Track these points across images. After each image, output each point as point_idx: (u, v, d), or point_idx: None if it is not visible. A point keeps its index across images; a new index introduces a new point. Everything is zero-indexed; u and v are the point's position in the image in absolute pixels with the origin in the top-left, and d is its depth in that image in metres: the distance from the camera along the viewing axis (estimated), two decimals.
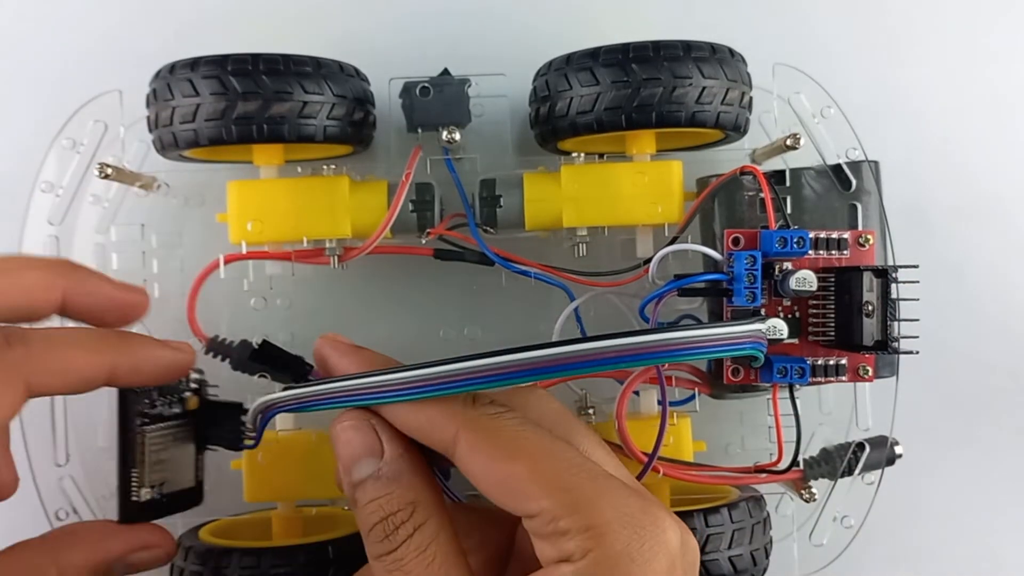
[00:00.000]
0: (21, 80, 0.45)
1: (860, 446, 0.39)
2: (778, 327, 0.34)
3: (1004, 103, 0.46)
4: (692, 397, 0.41)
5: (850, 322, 0.35)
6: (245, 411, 0.33)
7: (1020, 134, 0.46)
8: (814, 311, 0.37)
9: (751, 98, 0.39)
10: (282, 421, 0.40)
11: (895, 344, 0.34)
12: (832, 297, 0.36)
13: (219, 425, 0.34)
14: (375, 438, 0.29)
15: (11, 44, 0.45)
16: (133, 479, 0.32)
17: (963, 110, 0.46)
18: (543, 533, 0.26)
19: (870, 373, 0.37)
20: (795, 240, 0.36)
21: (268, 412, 0.32)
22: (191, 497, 0.35)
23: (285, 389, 0.31)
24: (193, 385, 0.34)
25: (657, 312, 0.37)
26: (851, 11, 0.46)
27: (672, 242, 0.39)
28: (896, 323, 0.34)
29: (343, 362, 0.31)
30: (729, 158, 0.42)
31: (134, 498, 0.33)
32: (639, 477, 0.35)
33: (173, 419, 0.33)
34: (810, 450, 0.41)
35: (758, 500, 0.40)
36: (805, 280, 0.35)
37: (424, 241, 0.40)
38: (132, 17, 0.45)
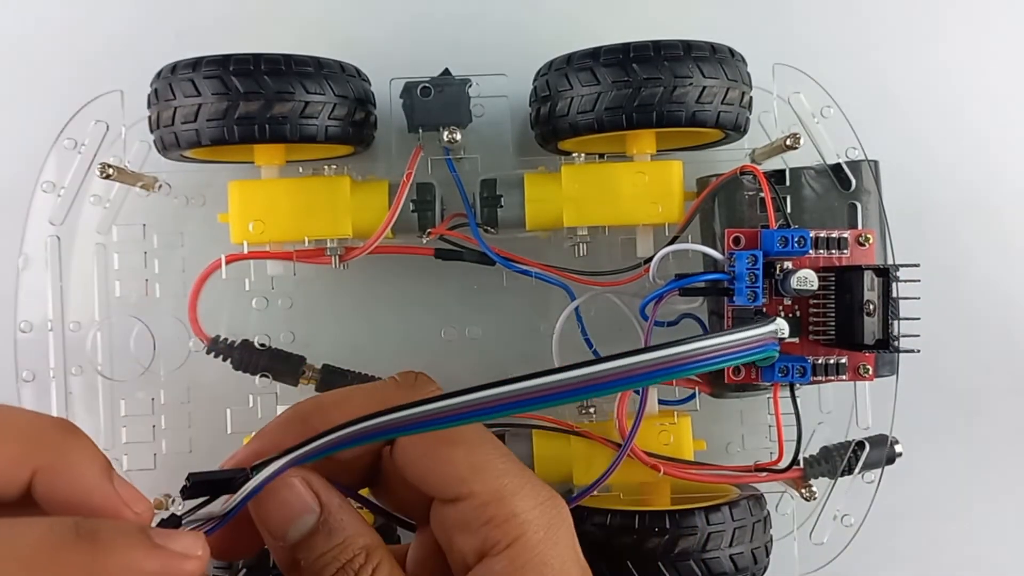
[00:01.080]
0: (23, 80, 0.45)
1: (860, 445, 0.39)
2: (781, 327, 0.34)
3: (1003, 103, 0.47)
4: (692, 396, 0.41)
5: (851, 321, 0.35)
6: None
7: (1018, 134, 0.47)
8: (814, 310, 0.37)
9: (751, 98, 0.39)
10: None
11: (896, 343, 0.34)
12: (832, 296, 0.36)
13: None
14: (309, 493, 0.27)
15: (13, 44, 0.45)
16: None
17: (962, 110, 0.46)
18: (467, 520, 0.27)
19: (870, 372, 0.37)
20: (796, 239, 0.36)
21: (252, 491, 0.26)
22: None
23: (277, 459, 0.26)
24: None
25: (657, 311, 0.37)
26: (850, 11, 0.46)
27: (672, 242, 0.39)
28: (897, 322, 0.34)
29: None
30: (729, 158, 0.42)
31: None
32: (616, 462, 0.36)
33: None
34: (810, 449, 0.41)
35: (758, 499, 0.40)
36: (806, 279, 0.35)
37: (425, 241, 0.41)
38: (134, 17, 0.45)
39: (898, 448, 0.40)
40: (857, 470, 0.39)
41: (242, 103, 0.35)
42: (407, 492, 0.29)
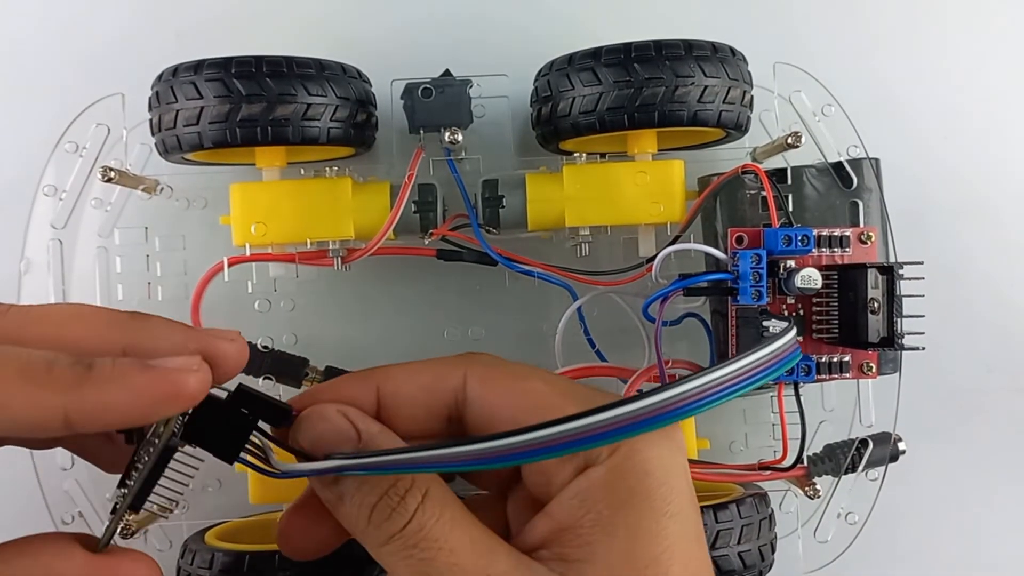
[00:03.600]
0: (23, 84, 0.45)
1: (864, 443, 0.39)
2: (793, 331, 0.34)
3: (1003, 101, 0.47)
4: None
5: (855, 319, 0.35)
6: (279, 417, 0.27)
7: (1018, 133, 0.47)
8: (817, 309, 0.37)
9: (752, 97, 0.40)
10: None
11: (901, 340, 0.34)
12: (835, 294, 0.36)
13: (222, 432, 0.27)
14: (345, 422, 0.27)
15: (12, 47, 0.45)
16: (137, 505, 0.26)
17: (962, 108, 0.46)
18: None
19: (874, 370, 0.37)
20: (800, 238, 0.36)
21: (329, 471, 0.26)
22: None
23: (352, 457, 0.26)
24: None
25: (663, 311, 0.37)
26: (851, 10, 0.46)
27: (674, 241, 0.39)
28: (900, 319, 0.35)
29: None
30: (730, 157, 0.42)
31: (124, 526, 0.27)
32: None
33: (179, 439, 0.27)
34: (813, 447, 0.41)
35: (763, 496, 0.40)
36: (810, 278, 0.35)
37: (427, 242, 0.40)
38: (134, 20, 0.45)
39: (901, 446, 0.40)
40: (861, 468, 0.39)
41: (244, 105, 0.35)
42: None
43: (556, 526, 0.26)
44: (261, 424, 0.27)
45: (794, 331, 0.30)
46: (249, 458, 0.27)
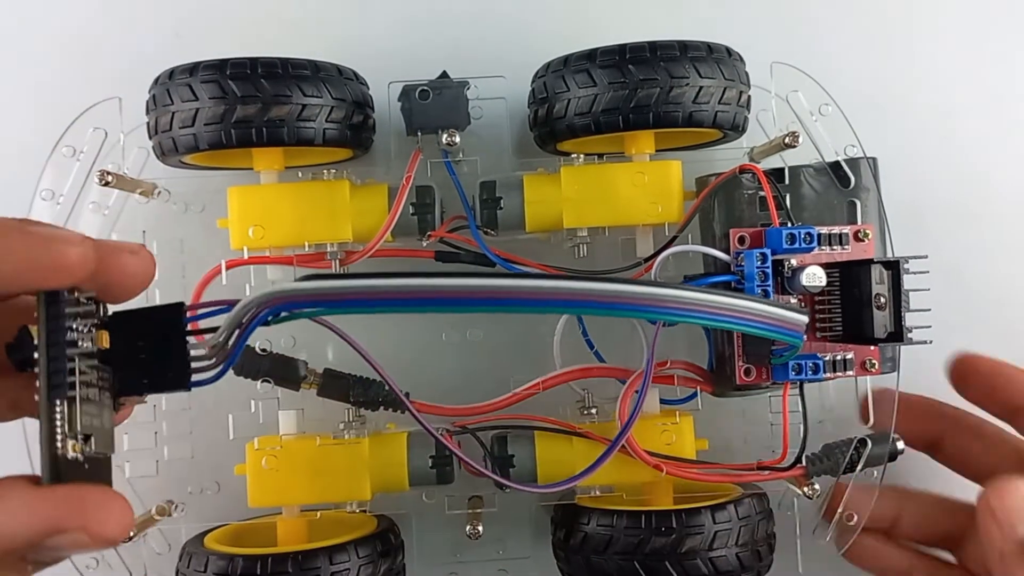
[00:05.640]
0: (20, 88, 0.45)
1: (862, 442, 0.39)
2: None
3: (1002, 102, 0.47)
4: (694, 395, 0.41)
5: (859, 315, 0.35)
6: (182, 320, 0.26)
7: (1017, 132, 0.47)
8: (820, 307, 0.37)
9: (749, 97, 0.40)
10: (285, 426, 0.40)
11: (910, 335, 0.34)
12: (838, 292, 0.36)
13: (152, 361, 0.25)
14: None
15: (9, 52, 0.45)
16: (58, 419, 0.24)
17: (961, 108, 0.46)
18: None
19: (876, 366, 0.37)
20: (803, 236, 0.36)
21: (256, 318, 0.25)
22: (104, 475, 0.26)
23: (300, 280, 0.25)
24: (103, 317, 0.26)
25: None
26: (848, 9, 0.46)
27: (671, 241, 0.39)
28: (907, 314, 0.35)
29: None
30: (727, 157, 0.42)
31: (60, 450, 0.24)
32: (608, 453, 0.36)
33: (91, 356, 0.25)
34: (811, 446, 0.41)
35: (761, 496, 0.40)
36: (815, 275, 0.35)
37: (425, 244, 0.40)
38: (129, 24, 0.45)
39: (900, 445, 0.40)
40: (859, 468, 0.39)
41: (239, 107, 0.35)
42: None
43: None
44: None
45: (806, 319, 0.32)
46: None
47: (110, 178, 0.39)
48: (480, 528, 0.39)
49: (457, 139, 0.39)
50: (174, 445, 0.42)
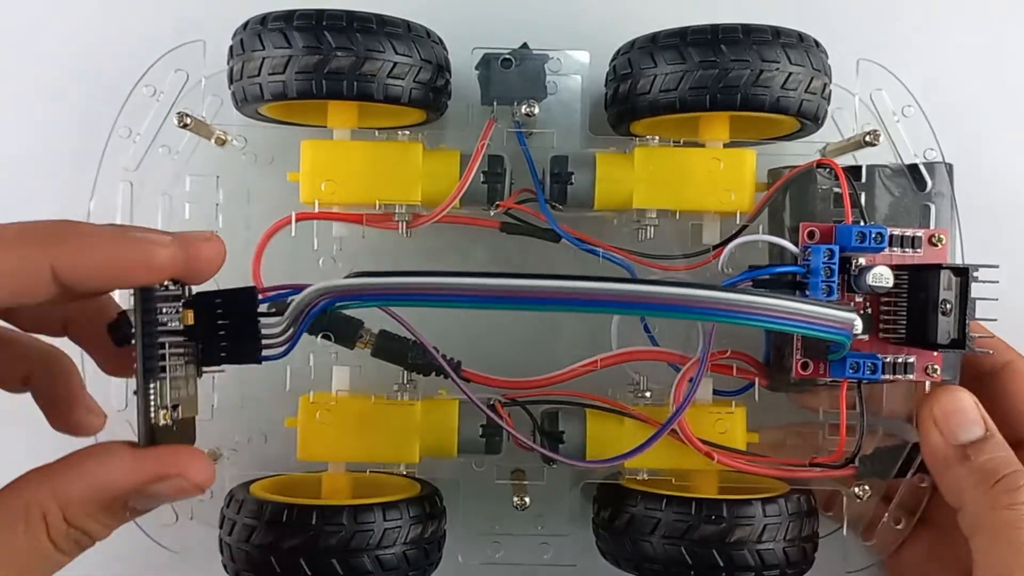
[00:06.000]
0: (106, 24, 0.45)
1: (916, 447, 0.39)
2: (857, 322, 0.34)
3: None
4: (748, 387, 0.41)
5: (924, 319, 0.35)
6: (255, 301, 0.30)
7: None
8: (885, 308, 0.37)
9: (831, 90, 0.39)
10: (338, 381, 0.40)
11: (971, 343, 0.34)
12: (905, 294, 0.36)
13: (229, 337, 0.30)
14: (979, 412, 0.36)
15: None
16: (152, 396, 0.28)
17: None
18: None
19: (938, 372, 0.37)
20: (873, 235, 0.36)
21: (317, 304, 0.30)
22: (190, 433, 0.31)
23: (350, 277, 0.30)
24: (187, 297, 0.29)
25: None
26: (931, 11, 0.46)
27: (742, 230, 0.39)
28: (972, 322, 0.34)
29: None
30: (798, 151, 0.42)
31: (153, 420, 0.28)
32: (660, 432, 0.37)
33: (179, 335, 0.29)
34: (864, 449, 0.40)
35: (809, 494, 0.39)
36: (882, 276, 0.35)
37: (492, 214, 0.40)
38: None
39: None
40: (911, 473, 0.39)
41: (333, 58, 0.35)
42: None
43: None
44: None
45: (857, 318, 0.32)
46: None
47: (188, 121, 0.39)
48: (527, 500, 0.39)
49: (536, 110, 0.39)
50: (227, 392, 0.42)
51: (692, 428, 0.38)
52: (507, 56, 0.39)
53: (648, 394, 0.41)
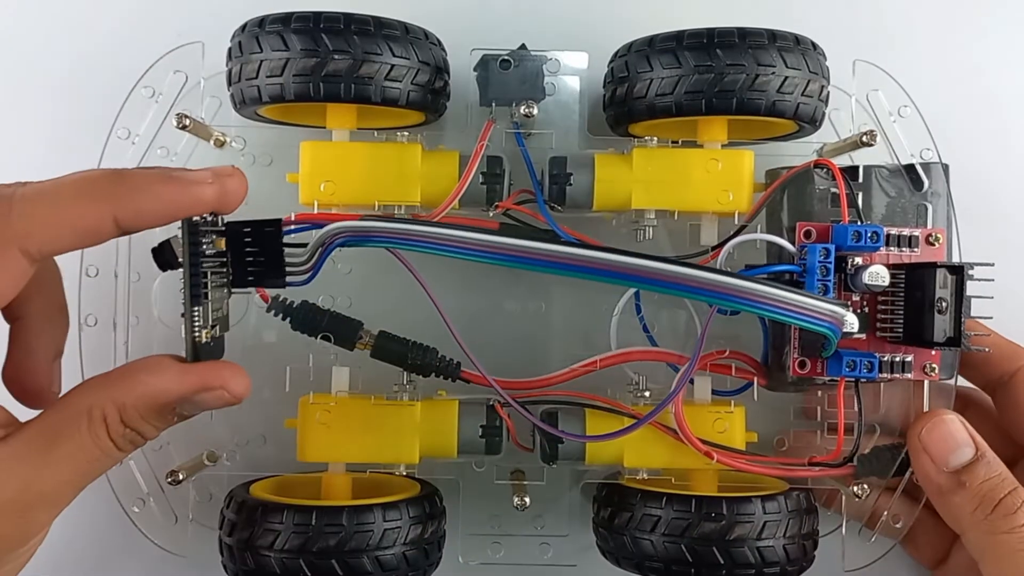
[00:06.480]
0: (102, 28, 0.45)
1: None
2: (850, 320, 0.34)
3: None
4: (747, 387, 0.41)
5: (921, 318, 0.35)
6: (280, 232, 0.33)
7: None
8: (882, 307, 0.37)
9: (828, 92, 0.39)
10: (338, 382, 0.40)
11: (967, 341, 0.34)
12: (901, 293, 0.36)
13: (256, 262, 0.33)
14: (967, 433, 0.36)
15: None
16: (196, 317, 0.32)
17: None
18: None
19: (936, 371, 0.37)
20: (869, 235, 0.36)
21: (334, 241, 0.33)
22: (222, 347, 0.34)
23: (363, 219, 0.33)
24: (220, 227, 0.33)
25: None
26: (932, 9, 0.46)
27: (740, 230, 0.39)
28: (967, 320, 0.35)
29: None
30: (795, 152, 0.42)
31: (197, 338, 0.32)
32: (641, 422, 0.37)
33: (216, 260, 0.33)
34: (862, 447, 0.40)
35: (808, 492, 0.40)
36: (878, 275, 0.35)
37: (491, 214, 0.40)
38: None
39: None
40: (909, 471, 0.39)
41: (331, 60, 0.35)
42: None
43: None
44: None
45: (848, 313, 0.33)
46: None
47: (187, 122, 0.39)
48: (527, 500, 0.39)
49: (535, 111, 0.39)
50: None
51: (692, 428, 0.38)
52: (506, 57, 0.39)
53: (647, 394, 0.41)
